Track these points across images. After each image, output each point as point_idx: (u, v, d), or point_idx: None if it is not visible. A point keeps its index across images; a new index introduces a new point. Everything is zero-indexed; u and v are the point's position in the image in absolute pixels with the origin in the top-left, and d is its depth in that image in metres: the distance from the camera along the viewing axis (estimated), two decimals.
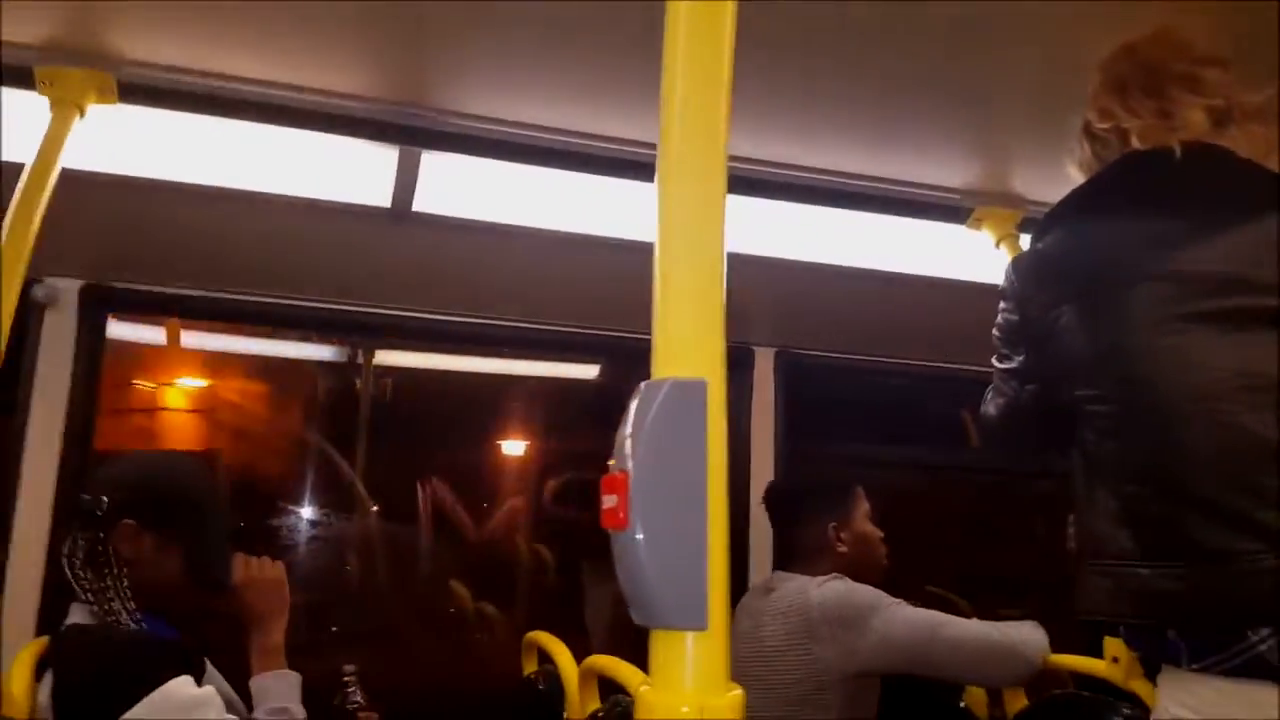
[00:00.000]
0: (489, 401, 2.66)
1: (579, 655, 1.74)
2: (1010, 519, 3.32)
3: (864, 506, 1.96)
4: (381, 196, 1.72)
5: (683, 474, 0.62)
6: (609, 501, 0.63)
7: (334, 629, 1.94)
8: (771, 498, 2.08)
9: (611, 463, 0.64)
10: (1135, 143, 1.11)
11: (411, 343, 2.26)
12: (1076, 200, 1.16)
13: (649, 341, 0.64)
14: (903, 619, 1.69)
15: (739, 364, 2.35)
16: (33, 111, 1.40)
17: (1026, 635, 1.71)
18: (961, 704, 2.05)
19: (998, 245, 1.89)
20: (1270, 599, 0.92)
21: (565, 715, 1.77)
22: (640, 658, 0.67)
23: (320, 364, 2.22)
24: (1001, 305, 1.19)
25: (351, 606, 2.33)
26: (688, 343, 0.64)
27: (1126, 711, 1.59)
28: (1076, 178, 1.20)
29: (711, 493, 0.62)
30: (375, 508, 2.23)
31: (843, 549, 1.89)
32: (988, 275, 1.97)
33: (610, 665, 1.52)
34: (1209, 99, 1.09)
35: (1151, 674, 1.63)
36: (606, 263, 1.86)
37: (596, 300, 2.08)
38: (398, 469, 2.49)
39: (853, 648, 1.67)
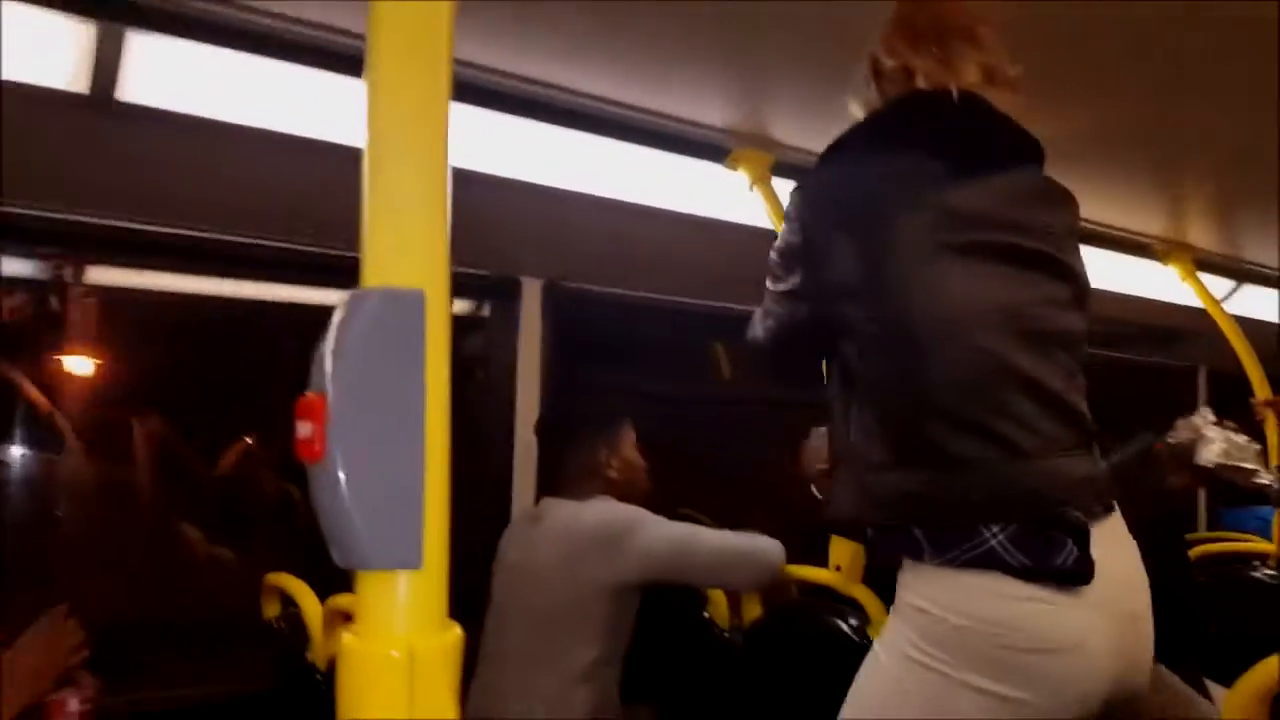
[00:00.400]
0: (222, 326, 2.43)
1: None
2: (760, 447, 3.49)
3: (631, 436, 2.00)
4: (78, 81, 1.46)
5: (394, 397, 0.55)
6: (303, 430, 0.55)
7: (43, 581, 1.72)
8: (545, 425, 2.08)
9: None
10: (920, 82, 1.18)
11: (121, 258, 1.99)
12: (863, 131, 1.21)
13: None
14: (661, 533, 1.77)
15: (505, 295, 2.29)
16: None
17: (766, 545, 1.83)
18: (705, 614, 2.15)
19: (752, 187, 1.94)
20: (1002, 498, 1.06)
21: (309, 658, 1.70)
22: None
23: (10, 280, 1.91)
24: (784, 228, 1.22)
25: (61, 555, 2.09)
26: (403, 250, 0.57)
27: (849, 614, 1.72)
28: (858, 115, 1.25)
29: (431, 418, 0.56)
30: (82, 444, 1.97)
31: (612, 474, 1.93)
32: (752, 217, 2.05)
33: (353, 604, 1.44)
34: (983, 56, 1.18)
35: (875, 581, 1.78)
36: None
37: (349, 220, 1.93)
38: (112, 401, 2.21)
39: (617, 563, 1.73)
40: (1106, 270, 2.67)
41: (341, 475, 0.53)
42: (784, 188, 1.94)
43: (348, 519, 0.53)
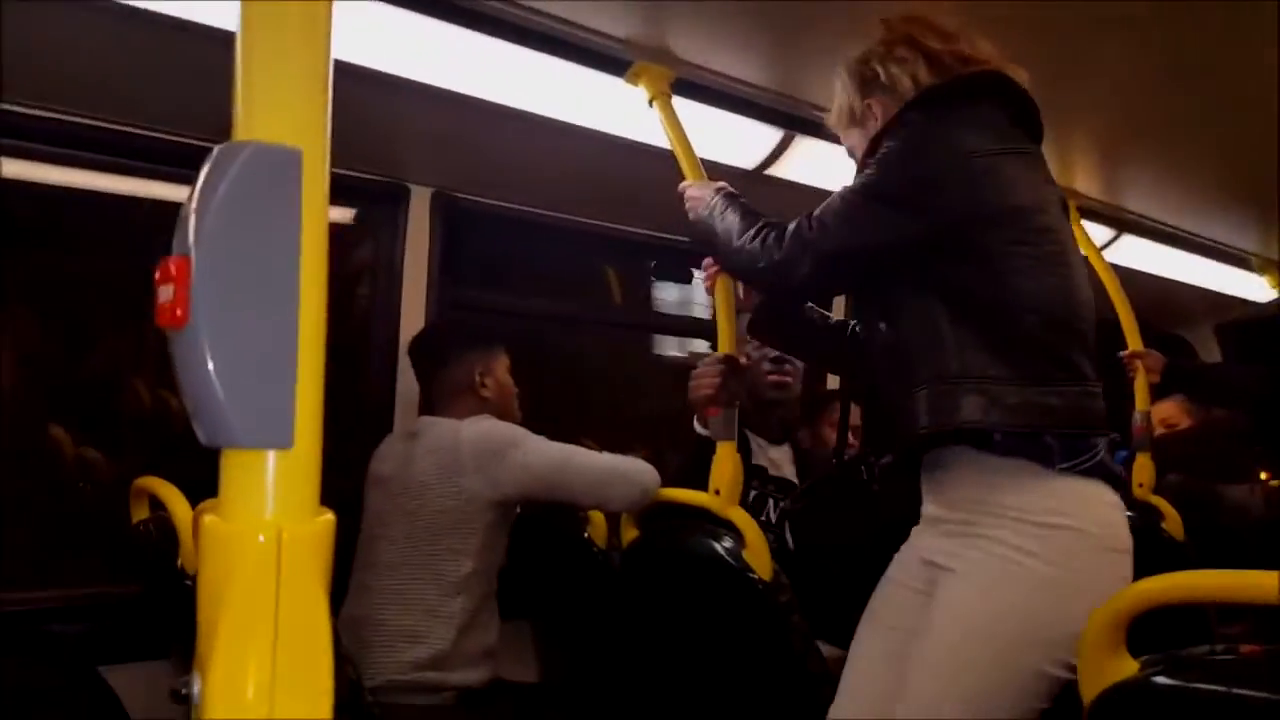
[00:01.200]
0: (96, 224, 2.26)
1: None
2: (648, 372, 3.51)
3: (504, 359, 2.02)
4: None
5: (266, 263, 0.51)
6: (165, 294, 0.50)
7: None
8: (419, 343, 2.06)
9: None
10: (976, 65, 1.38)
11: None
12: (965, 87, 1.36)
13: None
14: (540, 450, 1.81)
15: (392, 201, 2.20)
16: None
17: (642, 467, 1.89)
18: (585, 535, 2.17)
19: (651, 103, 1.90)
20: (1101, 417, 1.28)
21: (179, 563, 1.63)
22: None
23: None
24: (904, 157, 1.32)
25: None
26: (281, 106, 0.52)
27: (725, 535, 1.75)
28: (897, 79, 1.40)
29: (306, 290, 0.52)
30: None
31: (486, 393, 1.95)
32: (654, 137, 2.01)
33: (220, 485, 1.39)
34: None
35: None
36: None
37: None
38: None
39: (496, 478, 1.78)
40: None
41: (206, 343, 0.49)
42: (682, 106, 1.91)
43: (212, 391, 0.49)
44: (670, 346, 3.57)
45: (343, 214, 2.37)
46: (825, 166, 2.39)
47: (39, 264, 2.24)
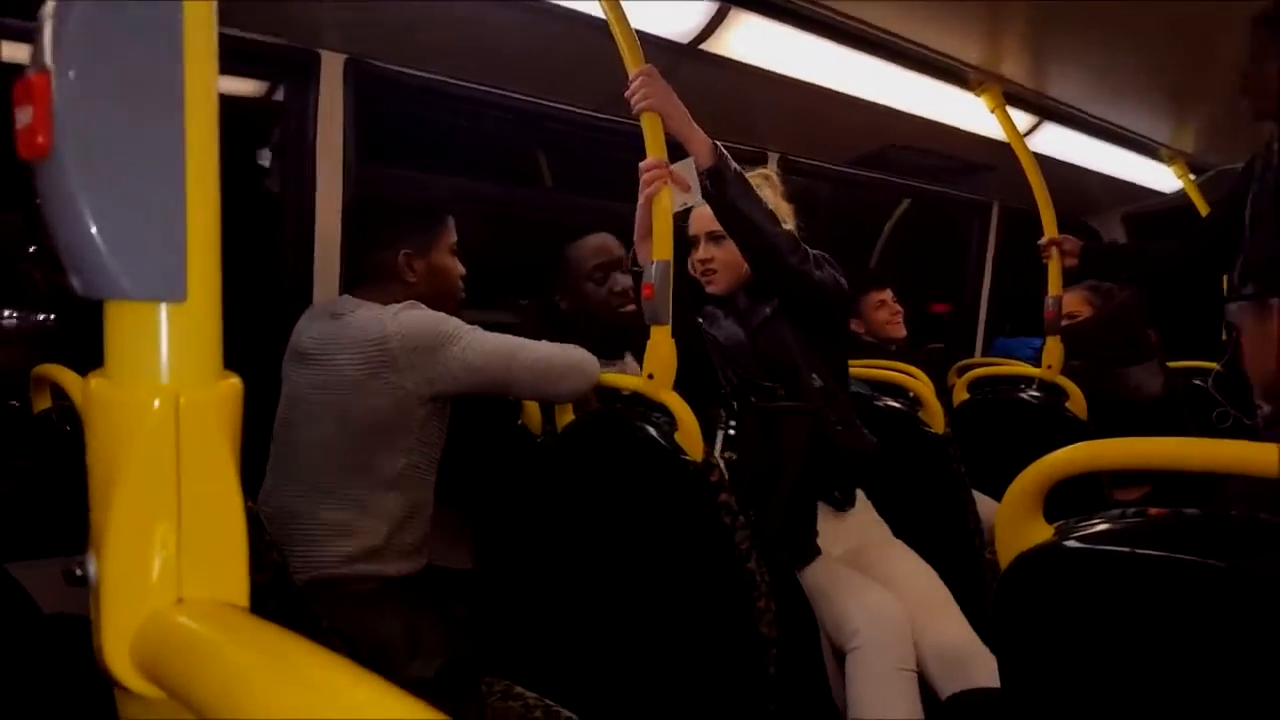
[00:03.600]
0: None
1: None
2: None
3: (451, 239, 1.87)
4: None
5: (144, 75, 0.43)
6: (23, 117, 0.43)
7: None
8: (347, 214, 1.94)
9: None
10: None
11: None
12: None
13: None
14: (479, 345, 1.70)
15: (302, 69, 2.04)
16: None
17: (586, 355, 1.83)
18: (519, 423, 2.13)
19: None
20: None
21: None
22: None
23: None
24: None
25: None
26: None
27: (657, 416, 1.75)
28: None
29: (193, 112, 0.44)
30: None
31: (412, 279, 1.80)
32: (592, 9, 1.90)
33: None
34: None
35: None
36: None
37: None
38: None
39: (431, 374, 1.67)
40: (914, 94, 2.72)
41: (75, 174, 0.42)
42: None
43: (85, 231, 0.42)
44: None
45: (245, 85, 2.20)
46: (761, 44, 2.32)
47: None
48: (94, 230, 0.42)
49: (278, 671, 0.36)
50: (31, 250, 2.32)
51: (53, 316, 2.40)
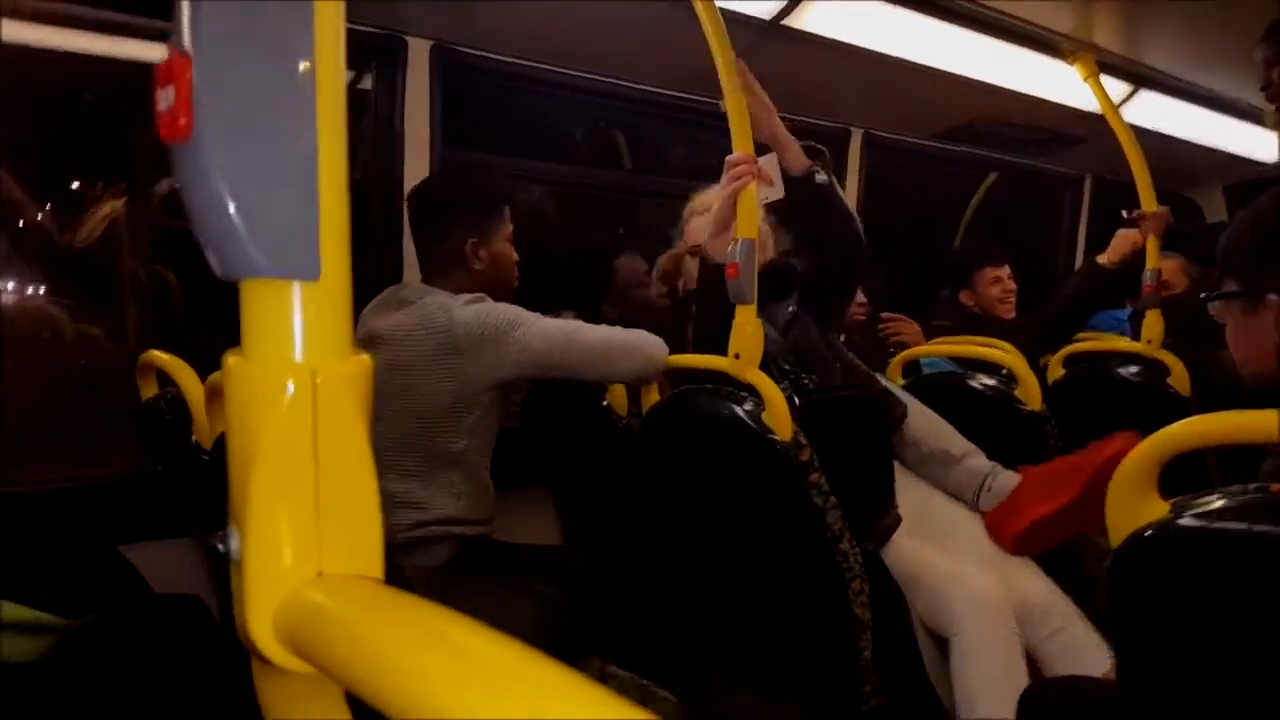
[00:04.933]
0: (80, 86, 2.14)
1: None
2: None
3: (507, 228, 1.92)
4: None
5: (279, 60, 0.44)
6: (164, 100, 0.43)
7: None
8: (414, 203, 1.95)
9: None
10: None
11: None
12: None
13: None
14: (540, 330, 1.75)
15: (389, 55, 2.07)
16: None
17: (646, 338, 1.84)
18: (604, 403, 2.14)
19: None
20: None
21: (194, 438, 1.61)
22: None
23: None
24: None
25: None
26: None
27: (745, 398, 1.73)
28: None
29: (324, 91, 0.45)
30: None
31: (479, 267, 1.86)
32: None
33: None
34: None
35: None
36: None
37: None
38: None
39: (495, 362, 1.73)
40: (1000, 64, 2.63)
41: (215, 157, 0.42)
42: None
43: (225, 213, 0.43)
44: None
45: None
46: (843, 18, 2.27)
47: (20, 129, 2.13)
48: (232, 210, 0.43)
49: (426, 642, 0.37)
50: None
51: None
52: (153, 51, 2.01)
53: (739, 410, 1.73)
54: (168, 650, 1.52)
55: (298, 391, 0.46)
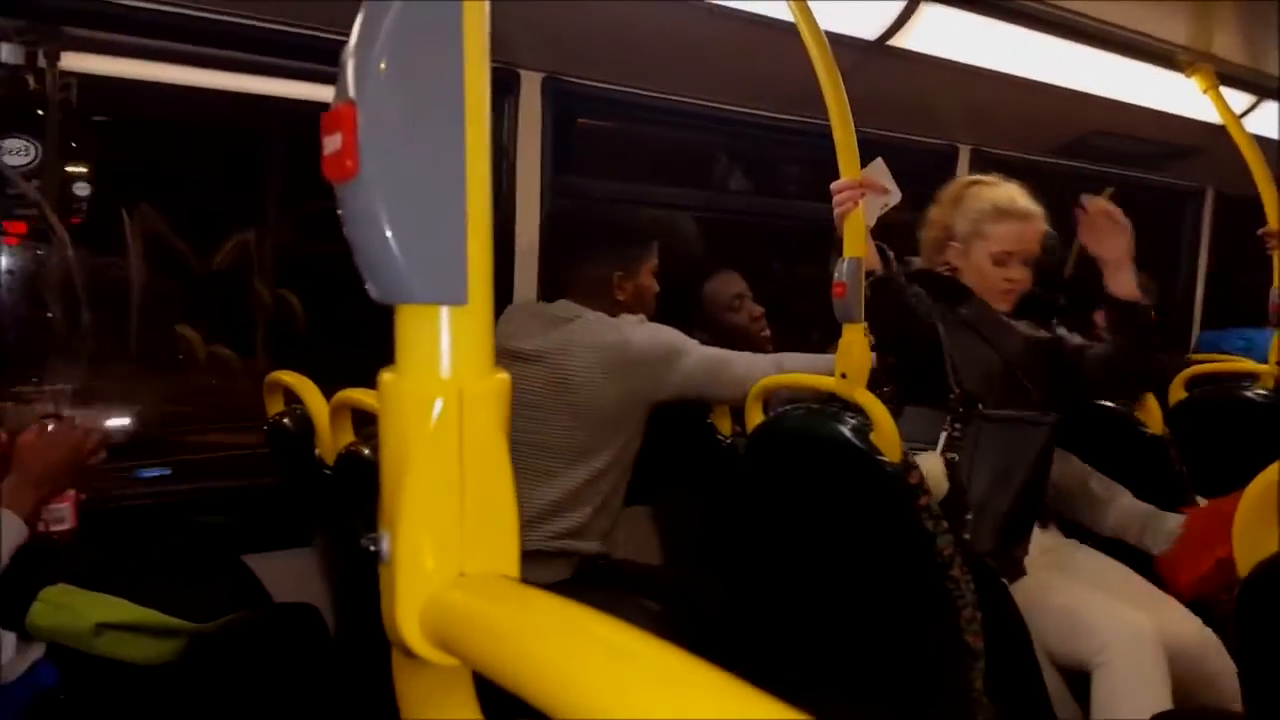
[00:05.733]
0: (214, 121, 2.29)
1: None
2: (779, 261, 3.45)
3: (653, 262, 2.01)
4: None
5: (432, 105, 0.48)
6: (332, 144, 0.48)
7: (37, 381, 1.68)
8: (558, 226, 2.05)
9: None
10: None
11: (99, 36, 1.84)
12: None
13: None
14: (703, 357, 1.90)
15: (502, 88, 2.15)
16: None
17: (789, 365, 1.96)
18: (709, 420, 2.17)
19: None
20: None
21: (317, 453, 1.70)
22: None
23: None
24: None
25: (59, 354, 2.06)
26: None
27: (851, 415, 1.72)
28: None
29: (471, 135, 0.49)
30: (69, 237, 1.85)
31: (621, 297, 1.96)
32: (778, 11, 1.90)
33: (362, 397, 1.43)
34: None
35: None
36: None
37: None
38: (100, 190, 2.08)
39: (662, 383, 1.86)
40: (1112, 78, 2.57)
41: (378, 195, 0.47)
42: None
43: (387, 245, 0.47)
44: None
45: None
46: (950, 36, 2.25)
47: (163, 162, 2.29)
48: (393, 244, 0.48)
49: (569, 635, 0.40)
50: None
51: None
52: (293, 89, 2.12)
53: (845, 430, 1.72)
54: (285, 656, 1.61)
55: (446, 406, 0.50)
